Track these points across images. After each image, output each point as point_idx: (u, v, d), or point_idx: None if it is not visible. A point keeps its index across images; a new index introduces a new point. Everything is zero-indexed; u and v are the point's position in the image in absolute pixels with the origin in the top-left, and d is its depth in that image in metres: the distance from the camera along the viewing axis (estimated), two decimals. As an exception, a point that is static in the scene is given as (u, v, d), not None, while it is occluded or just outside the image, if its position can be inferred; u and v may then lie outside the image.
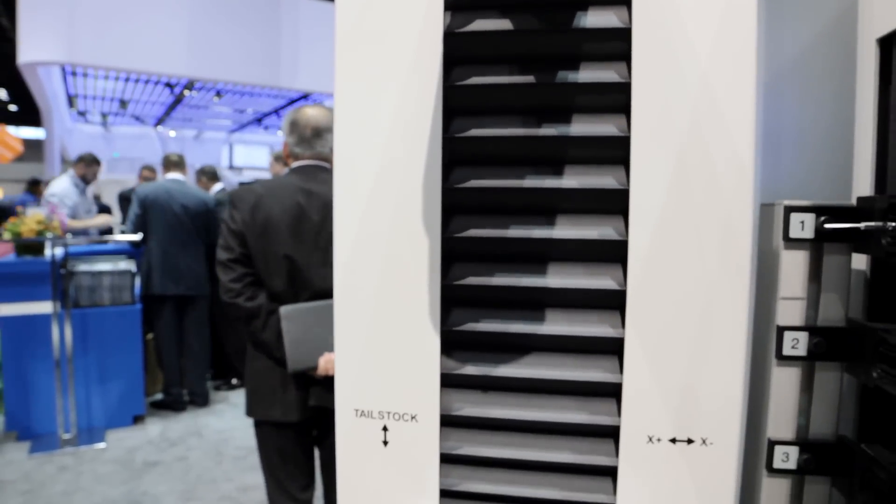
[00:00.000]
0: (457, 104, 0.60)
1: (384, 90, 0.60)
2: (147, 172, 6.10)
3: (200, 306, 4.48)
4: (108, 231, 5.03)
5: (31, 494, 3.30)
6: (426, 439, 0.62)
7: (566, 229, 0.59)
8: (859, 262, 0.59)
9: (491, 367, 0.61)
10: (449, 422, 0.62)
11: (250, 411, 2.06)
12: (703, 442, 0.58)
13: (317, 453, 2.19)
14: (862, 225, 0.54)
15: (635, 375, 0.58)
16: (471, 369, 0.61)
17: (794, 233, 0.56)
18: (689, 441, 0.58)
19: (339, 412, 0.63)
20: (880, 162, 0.57)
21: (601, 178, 0.59)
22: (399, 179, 0.61)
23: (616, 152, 0.58)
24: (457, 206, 0.61)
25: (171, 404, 4.52)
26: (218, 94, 9.35)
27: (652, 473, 0.59)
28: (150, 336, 4.55)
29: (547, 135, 0.59)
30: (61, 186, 5.07)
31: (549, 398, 0.61)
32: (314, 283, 1.96)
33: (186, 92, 9.16)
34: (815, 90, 0.78)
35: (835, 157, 0.65)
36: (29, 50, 6.83)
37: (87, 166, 5.21)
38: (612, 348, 0.59)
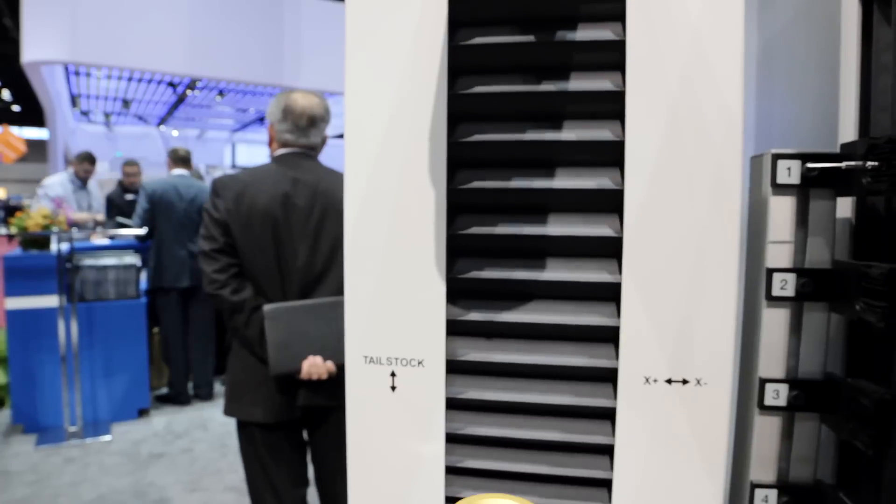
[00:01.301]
0: (461, 65, 0.63)
1: (392, 49, 0.63)
2: (129, 168, 6.08)
3: (204, 301, 4.51)
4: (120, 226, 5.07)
5: (39, 485, 3.33)
6: (432, 384, 0.65)
7: (565, 180, 0.62)
8: (845, 210, 0.62)
9: (494, 313, 0.64)
10: (454, 368, 0.65)
11: (230, 409, 1.96)
12: (698, 382, 0.60)
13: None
14: (843, 164, 0.56)
15: (632, 319, 0.61)
16: (475, 316, 0.64)
17: (781, 179, 0.59)
18: (685, 382, 0.61)
19: (349, 359, 0.66)
20: (863, 112, 0.59)
21: (598, 132, 0.61)
22: (406, 135, 0.63)
23: (612, 107, 0.61)
24: (461, 161, 0.64)
25: (176, 397, 4.55)
26: (220, 93, 9.39)
27: (649, 414, 0.61)
28: (155, 330, 4.59)
29: (547, 90, 0.62)
30: (52, 180, 5.08)
31: (550, 343, 0.64)
32: (300, 274, 1.91)
33: (189, 91, 9.19)
34: (803, 52, 0.81)
35: (824, 113, 0.68)
36: (33, 49, 6.87)
37: (79, 163, 5.19)
38: (610, 294, 0.62)
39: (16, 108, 16.17)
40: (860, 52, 0.61)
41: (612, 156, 0.61)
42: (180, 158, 4.47)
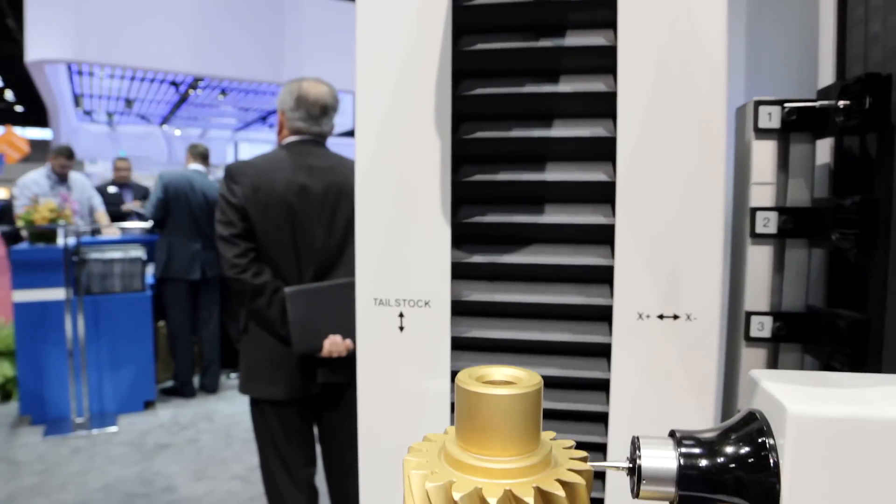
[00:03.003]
0: (464, 25, 0.67)
1: (400, 10, 0.67)
2: (121, 163, 6.16)
3: (214, 293, 4.56)
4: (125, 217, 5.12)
5: (47, 474, 3.38)
6: (438, 324, 0.69)
7: (562, 130, 0.66)
8: (825, 155, 0.66)
9: (496, 256, 0.68)
10: (459, 309, 0.69)
11: (247, 389, 2.03)
12: (688, 317, 0.64)
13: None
14: (817, 103, 0.61)
15: (625, 259, 0.65)
16: (478, 259, 0.68)
17: (763, 123, 0.63)
18: (675, 317, 0.65)
19: (360, 302, 0.70)
20: (839, 63, 0.63)
21: (592, 84, 0.66)
22: (413, 90, 0.68)
23: (605, 61, 0.65)
24: (465, 114, 0.68)
25: (181, 388, 4.59)
26: (223, 92, 9.44)
27: (642, 348, 0.66)
28: (160, 324, 4.64)
29: (544, 46, 0.66)
30: (27, 179, 4.84)
31: (549, 285, 0.68)
32: (316, 257, 1.96)
33: (191, 90, 9.24)
34: (788, 8, 0.85)
35: (809, 66, 0.72)
36: (36, 48, 6.93)
37: (55, 158, 4.85)
38: (605, 236, 0.66)
39: (19, 108, 16.24)
40: (836, 8, 0.65)
41: (605, 107, 0.65)
42: (199, 154, 4.55)
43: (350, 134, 11.86)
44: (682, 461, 0.36)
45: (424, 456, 0.35)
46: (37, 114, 11.99)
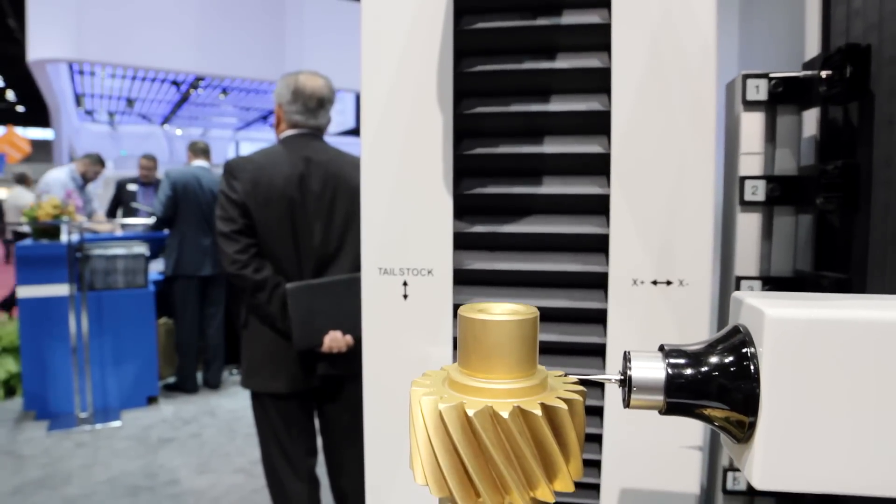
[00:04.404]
0: (465, 5, 0.70)
1: (402, -10, 0.70)
2: (146, 161, 6.14)
3: (221, 289, 4.59)
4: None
5: (52, 467, 3.41)
6: (441, 292, 0.72)
7: (559, 104, 0.69)
8: (811, 127, 0.68)
9: (497, 226, 0.71)
10: (461, 277, 0.72)
11: (249, 383, 2.05)
12: (681, 283, 0.67)
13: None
14: (801, 74, 0.63)
15: (620, 227, 0.68)
16: (479, 228, 0.71)
17: (751, 96, 0.66)
18: (668, 283, 0.67)
19: (365, 271, 0.73)
20: (824, 40, 0.66)
21: (588, 61, 0.69)
22: (417, 68, 0.71)
23: (600, 38, 0.68)
24: (466, 89, 0.71)
25: (184, 383, 4.61)
26: (224, 91, 9.48)
27: (637, 313, 0.68)
28: (161, 321, 4.66)
29: (542, 25, 0.69)
30: (52, 178, 5.05)
31: (547, 253, 0.71)
32: (316, 252, 1.98)
33: (192, 90, 9.28)
34: None
35: (798, 42, 0.75)
36: (38, 47, 6.96)
37: (91, 164, 5.24)
38: (600, 206, 0.69)
39: (20, 108, 16.29)
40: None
41: (600, 82, 0.68)
42: (201, 150, 4.58)
43: (350, 133, 11.89)
44: (669, 371, 0.39)
45: (430, 385, 0.38)
46: (38, 114, 12.04)
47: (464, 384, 0.36)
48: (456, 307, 0.72)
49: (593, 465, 0.73)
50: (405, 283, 0.72)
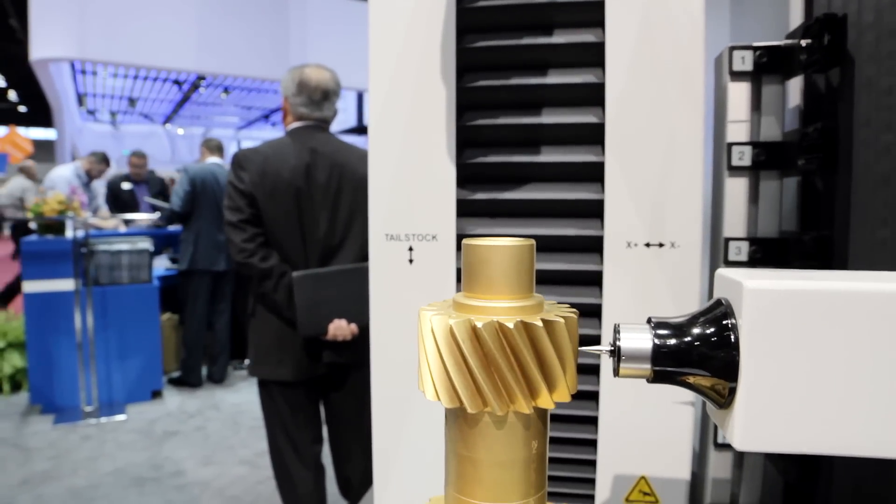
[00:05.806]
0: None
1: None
2: (136, 159, 6.16)
3: (230, 284, 4.63)
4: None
5: (58, 460, 3.45)
6: (445, 257, 0.76)
7: (556, 77, 0.73)
8: (795, 97, 0.72)
9: (497, 193, 0.75)
10: (464, 243, 0.76)
11: (257, 371, 2.09)
12: (672, 245, 0.71)
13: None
14: (782, 42, 0.67)
15: (614, 193, 0.72)
16: (481, 196, 0.75)
17: (737, 66, 0.69)
18: (661, 245, 0.71)
19: (372, 238, 0.77)
20: (808, 15, 0.70)
21: (583, 36, 0.72)
22: (422, 43, 0.74)
23: (594, 15, 0.72)
24: (469, 64, 0.74)
25: (188, 376, 4.64)
26: (226, 90, 9.52)
27: (631, 273, 0.72)
28: (165, 316, 4.70)
29: (539, 2, 0.72)
30: (57, 174, 5.11)
31: (545, 219, 0.75)
32: (322, 241, 2.02)
33: (194, 89, 9.32)
34: None
35: (785, 17, 0.79)
36: (40, 47, 7.01)
37: (97, 162, 5.31)
38: (596, 174, 0.73)
39: (22, 108, 16.35)
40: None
41: (595, 56, 0.72)
42: (215, 147, 4.65)
43: (354, 130, 11.91)
44: (656, 341, 0.43)
45: (438, 309, 0.41)
46: (40, 114, 12.09)
47: (470, 305, 0.39)
48: (458, 271, 0.76)
49: (590, 422, 0.76)
50: (411, 249, 0.76)
